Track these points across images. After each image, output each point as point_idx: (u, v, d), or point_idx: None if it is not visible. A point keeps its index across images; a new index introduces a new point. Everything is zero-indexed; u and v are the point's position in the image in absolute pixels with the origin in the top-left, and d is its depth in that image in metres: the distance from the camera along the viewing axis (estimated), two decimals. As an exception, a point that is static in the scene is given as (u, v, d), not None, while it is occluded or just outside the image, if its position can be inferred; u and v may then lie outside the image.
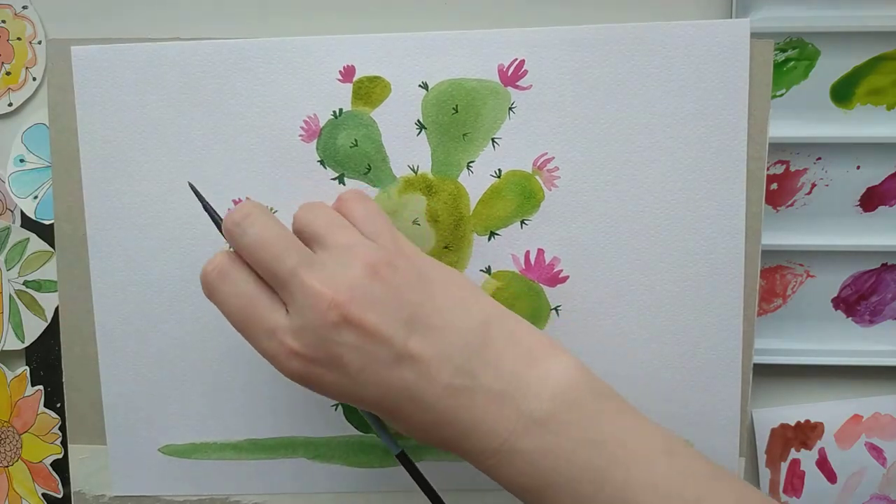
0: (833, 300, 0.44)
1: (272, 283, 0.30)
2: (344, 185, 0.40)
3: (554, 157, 0.40)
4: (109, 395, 0.42)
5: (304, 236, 0.32)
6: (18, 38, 0.42)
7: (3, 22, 0.42)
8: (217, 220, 0.35)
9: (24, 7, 0.42)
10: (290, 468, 0.43)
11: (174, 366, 0.42)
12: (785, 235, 0.43)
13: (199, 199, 0.36)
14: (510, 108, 0.39)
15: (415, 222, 0.40)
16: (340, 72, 0.39)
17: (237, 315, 0.31)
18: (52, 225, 0.43)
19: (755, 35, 0.40)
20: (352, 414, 0.42)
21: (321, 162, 0.40)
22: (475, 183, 0.40)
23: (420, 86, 0.39)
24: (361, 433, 0.42)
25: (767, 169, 0.40)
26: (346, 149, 0.40)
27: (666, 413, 0.41)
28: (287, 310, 0.30)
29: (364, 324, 0.29)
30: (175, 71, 0.40)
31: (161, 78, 0.40)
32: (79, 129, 0.40)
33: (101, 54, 0.40)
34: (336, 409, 0.42)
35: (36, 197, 0.43)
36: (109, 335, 0.42)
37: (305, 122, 0.40)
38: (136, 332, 0.42)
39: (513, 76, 0.39)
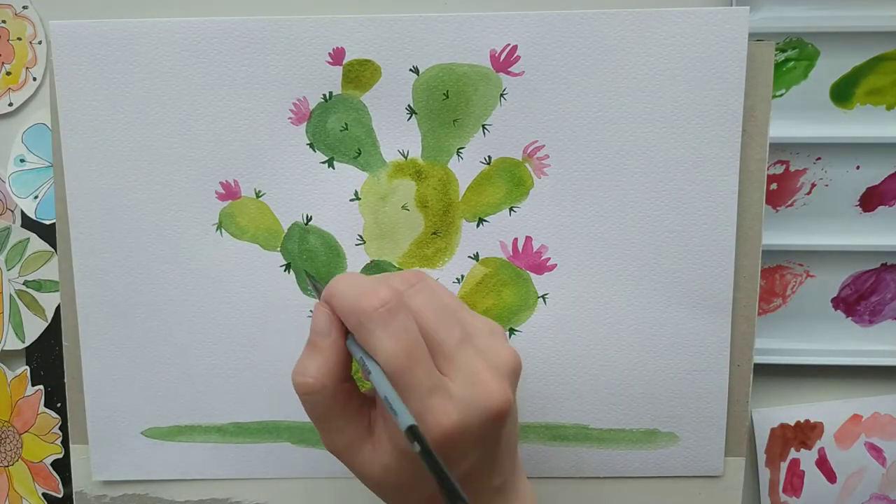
0: (833, 300, 0.44)
1: (434, 348, 0.29)
2: (333, 168, 0.40)
3: (544, 146, 0.40)
4: (91, 378, 0.42)
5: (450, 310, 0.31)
6: (18, 38, 0.42)
7: (3, 22, 0.42)
8: (317, 288, 0.34)
9: (24, 7, 0.42)
10: (275, 452, 0.43)
11: (158, 349, 0.42)
12: (785, 235, 0.43)
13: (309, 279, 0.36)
14: (501, 95, 0.39)
15: (404, 207, 0.40)
16: (330, 54, 0.39)
17: (404, 358, 0.28)
18: (52, 225, 0.43)
19: (755, 35, 0.40)
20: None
21: (310, 145, 0.40)
22: (465, 169, 0.40)
23: (411, 70, 0.39)
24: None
25: (767, 169, 0.40)
26: (336, 132, 0.40)
27: (651, 404, 0.41)
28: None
29: (502, 434, 0.30)
30: (159, 49, 0.39)
31: (145, 56, 0.39)
32: (59, 109, 0.40)
33: (81, 30, 0.39)
34: None
35: (36, 197, 0.43)
36: (92, 317, 0.42)
37: (295, 104, 0.40)
38: (119, 314, 0.42)
39: (505, 62, 0.39)
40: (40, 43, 0.42)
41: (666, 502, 0.43)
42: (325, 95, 0.40)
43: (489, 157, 0.40)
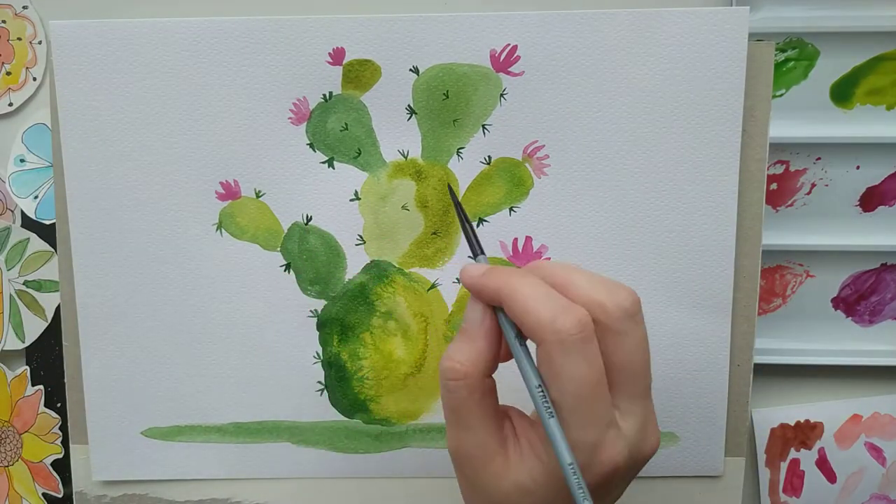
0: (833, 300, 0.44)
1: (626, 385, 0.28)
2: (333, 168, 0.40)
3: (544, 146, 0.40)
4: (91, 378, 0.42)
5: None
6: (18, 38, 0.42)
7: (4, 22, 0.42)
8: (476, 248, 0.33)
9: (24, 7, 0.42)
10: (275, 452, 0.43)
11: (158, 349, 0.42)
12: (785, 235, 0.43)
13: (460, 216, 0.34)
14: (501, 95, 0.39)
15: (404, 207, 0.40)
16: (330, 54, 0.39)
17: (592, 387, 0.27)
18: (52, 225, 0.43)
19: (755, 35, 0.40)
20: (337, 399, 0.42)
21: (310, 145, 0.40)
22: (465, 169, 0.40)
23: (411, 70, 0.39)
24: (346, 418, 0.42)
25: (767, 169, 0.40)
26: (336, 132, 0.40)
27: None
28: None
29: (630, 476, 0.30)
30: (159, 49, 0.39)
31: (145, 56, 0.39)
32: (58, 109, 0.40)
33: (81, 30, 0.39)
34: (322, 395, 0.42)
35: (36, 197, 0.43)
36: (92, 317, 0.42)
37: (294, 104, 0.40)
38: (119, 314, 0.42)
39: (505, 62, 0.39)
40: (40, 43, 0.42)
41: (666, 502, 0.43)
42: (325, 95, 0.40)
43: (489, 157, 0.40)
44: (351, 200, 0.41)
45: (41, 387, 0.45)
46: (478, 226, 0.41)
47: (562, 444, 0.27)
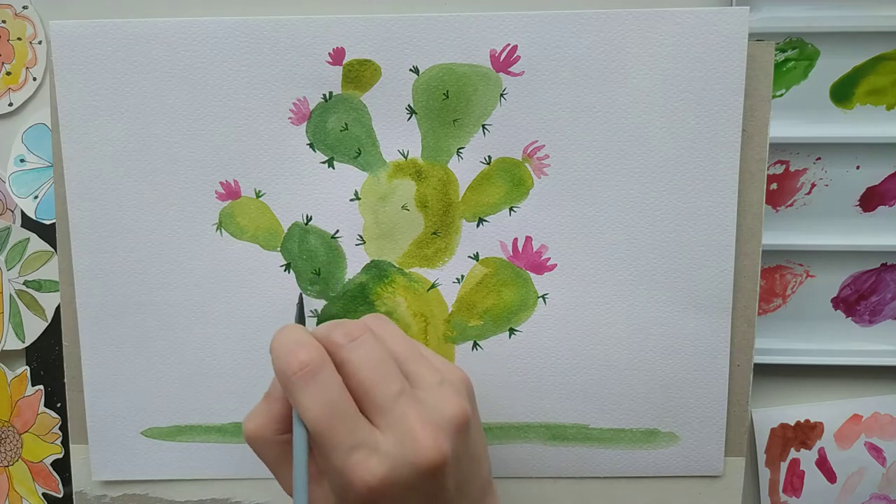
0: (833, 300, 0.44)
1: (368, 403, 0.30)
2: (333, 168, 0.40)
3: (544, 146, 0.40)
4: (91, 378, 0.42)
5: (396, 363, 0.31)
6: (18, 38, 0.42)
7: (4, 22, 0.42)
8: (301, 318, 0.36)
9: (24, 7, 0.42)
10: None
11: (158, 349, 0.42)
12: (785, 235, 0.43)
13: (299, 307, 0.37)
14: (501, 95, 0.39)
15: (404, 207, 0.40)
16: (330, 54, 0.39)
17: (323, 419, 0.29)
18: (52, 225, 0.43)
19: (755, 35, 0.40)
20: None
21: (311, 145, 0.40)
22: (465, 169, 0.40)
23: (411, 70, 0.39)
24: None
25: (767, 169, 0.40)
26: (337, 132, 0.40)
27: (651, 403, 0.41)
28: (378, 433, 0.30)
29: (446, 485, 0.30)
30: (159, 49, 0.39)
31: (145, 56, 0.39)
32: (58, 108, 0.40)
33: (81, 30, 0.39)
34: None
35: (36, 197, 0.43)
36: (92, 317, 0.42)
37: (295, 104, 0.40)
38: (119, 314, 0.42)
39: (505, 62, 0.39)
40: (40, 43, 0.42)
41: (666, 502, 0.43)
42: (325, 95, 0.40)
43: (489, 157, 0.40)
44: (351, 200, 0.41)
45: (41, 387, 0.45)
46: (478, 226, 0.41)
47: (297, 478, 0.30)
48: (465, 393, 0.32)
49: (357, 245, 0.41)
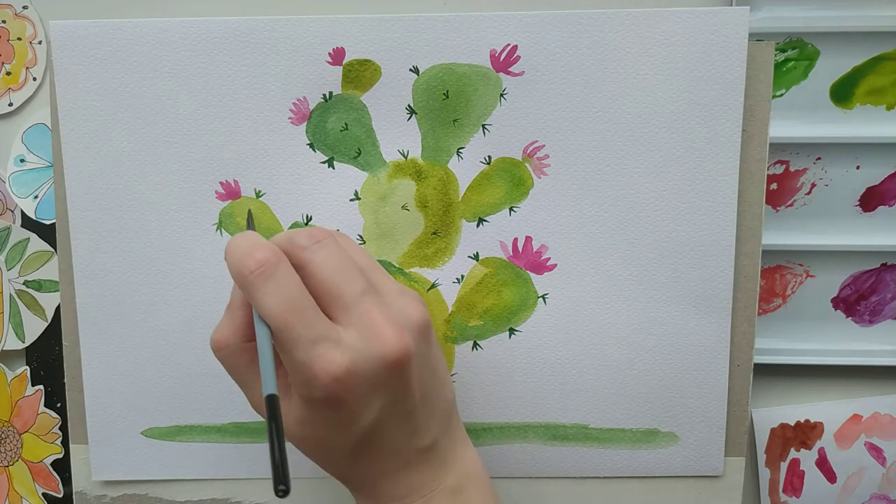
0: (833, 300, 0.44)
1: (331, 302, 0.30)
2: (333, 168, 0.40)
3: (544, 146, 0.40)
4: (91, 378, 0.42)
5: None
6: (18, 38, 0.42)
7: (4, 22, 0.42)
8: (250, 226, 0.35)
9: (25, 7, 0.42)
10: None
11: (158, 349, 0.42)
12: (785, 235, 0.43)
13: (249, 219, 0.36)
14: (501, 95, 0.39)
15: (404, 207, 0.40)
16: (330, 54, 0.39)
17: (284, 314, 0.28)
18: (52, 225, 0.43)
19: (755, 35, 0.40)
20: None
21: (310, 145, 0.40)
22: (465, 169, 0.40)
23: (411, 70, 0.39)
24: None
25: (767, 169, 0.40)
26: (336, 132, 0.40)
27: (651, 403, 0.41)
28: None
29: (411, 386, 0.30)
30: (159, 49, 0.39)
31: (145, 56, 0.39)
32: (58, 109, 0.40)
33: (81, 30, 0.39)
34: None
35: (36, 197, 0.43)
36: (92, 317, 0.42)
37: (295, 104, 0.40)
38: (119, 314, 0.42)
39: (505, 62, 0.39)
40: (40, 43, 0.42)
41: (666, 502, 0.43)
42: (325, 95, 0.40)
43: (489, 157, 0.40)
44: (351, 200, 0.41)
45: (41, 387, 0.45)
46: (478, 226, 0.41)
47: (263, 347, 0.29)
48: (425, 305, 0.32)
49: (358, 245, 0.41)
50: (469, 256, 0.41)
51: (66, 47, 0.39)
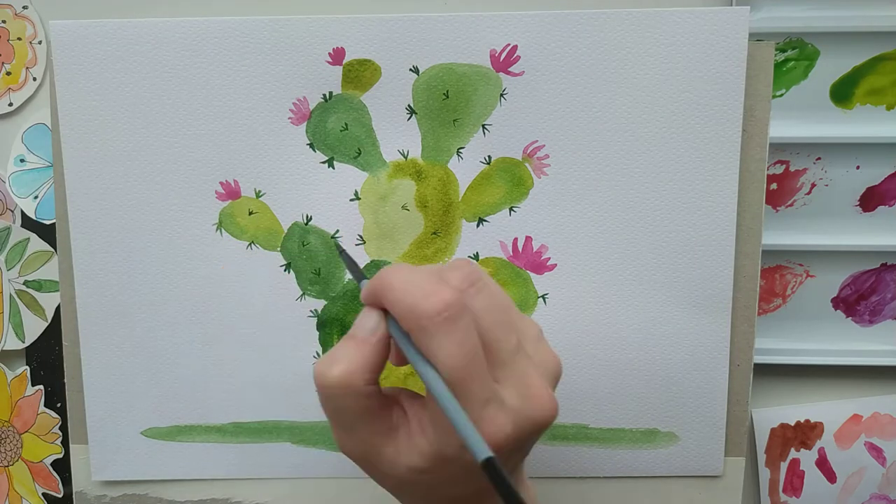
0: (833, 300, 0.44)
1: (489, 354, 0.27)
2: (333, 168, 0.40)
3: (544, 146, 0.40)
4: (91, 378, 0.42)
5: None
6: (18, 38, 0.42)
7: (3, 22, 0.42)
8: (358, 275, 0.33)
9: (25, 7, 0.42)
10: (275, 452, 0.43)
11: (158, 349, 0.42)
12: (785, 235, 0.43)
13: (343, 256, 0.34)
14: (501, 95, 0.39)
15: (404, 207, 0.40)
16: (330, 54, 0.39)
17: (464, 368, 0.26)
18: (52, 225, 0.43)
19: (755, 35, 0.40)
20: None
21: (310, 145, 0.40)
22: (465, 169, 0.40)
23: (411, 70, 0.39)
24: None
25: (767, 169, 0.40)
26: (336, 132, 0.40)
27: (651, 403, 0.41)
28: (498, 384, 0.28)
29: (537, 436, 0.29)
30: (159, 49, 0.39)
31: (145, 56, 0.39)
32: (58, 109, 0.40)
33: (82, 30, 0.39)
34: None
35: (36, 197, 0.43)
36: (92, 317, 0.42)
37: (294, 104, 0.40)
38: (119, 314, 0.42)
39: (505, 62, 0.39)
40: (40, 43, 0.42)
41: (666, 502, 0.43)
42: (325, 95, 0.40)
43: (489, 157, 0.40)
44: (351, 200, 0.41)
45: (41, 387, 0.45)
46: (478, 226, 0.41)
47: (449, 403, 0.26)
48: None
49: (357, 245, 0.41)
50: (469, 256, 0.41)
51: (66, 47, 0.39)
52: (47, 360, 0.45)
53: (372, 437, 0.28)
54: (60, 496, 0.45)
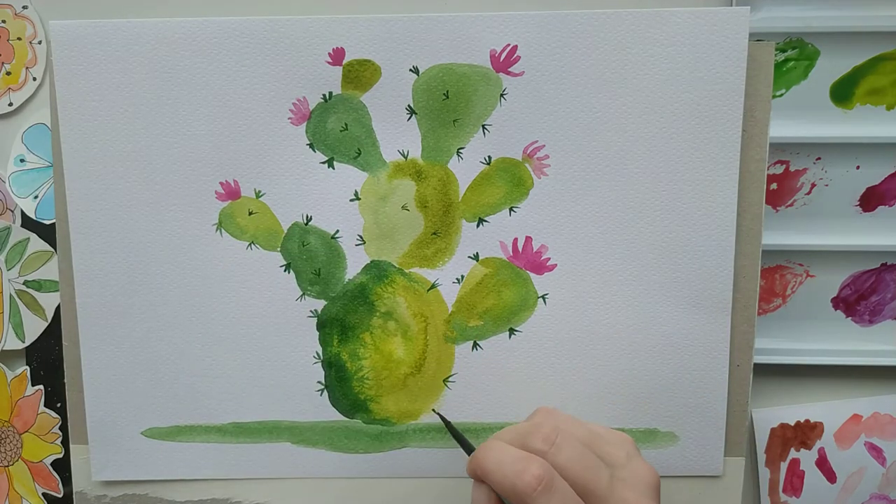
0: (833, 300, 0.44)
1: (587, 497, 0.31)
2: (333, 168, 0.40)
3: (544, 146, 0.40)
4: (91, 378, 0.42)
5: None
6: (18, 38, 0.42)
7: (3, 22, 0.42)
8: (468, 447, 0.37)
9: (24, 7, 0.42)
10: (275, 452, 0.43)
11: (158, 349, 0.42)
12: (785, 235, 0.43)
13: (449, 428, 0.38)
14: (501, 95, 0.39)
15: (404, 207, 0.40)
16: (330, 54, 0.39)
17: None
18: (52, 225, 0.43)
19: (755, 35, 0.40)
20: (337, 399, 0.42)
21: (310, 145, 0.40)
22: (465, 169, 0.40)
23: (411, 70, 0.39)
24: (346, 418, 0.42)
25: (767, 169, 0.40)
26: (336, 133, 0.40)
27: (650, 403, 0.41)
28: None
29: None
30: (159, 49, 0.39)
31: (145, 56, 0.39)
32: (58, 109, 0.40)
33: (81, 30, 0.39)
34: (322, 395, 0.42)
35: (36, 197, 0.43)
36: (92, 317, 0.42)
37: (294, 104, 0.40)
38: (119, 314, 0.42)
39: (505, 62, 0.39)
40: (40, 43, 0.42)
41: (666, 502, 0.43)
42: (324, 95, 0.40)
43: (489, 157, 0.40)
44: (351, 201, 0.41)
45: (41, 387, 0.45)
46: (478, 226, 0.41)
47: None
48: (640, 452, 0.34)
49: (357, 245, 0.41)
50: (469, 256, 0.41)
51: (66, 47, 0.39)
52: (47, 360, 0.45)
53: None
54: (60, 496, 0.45)
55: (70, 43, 0.39)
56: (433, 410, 0.41)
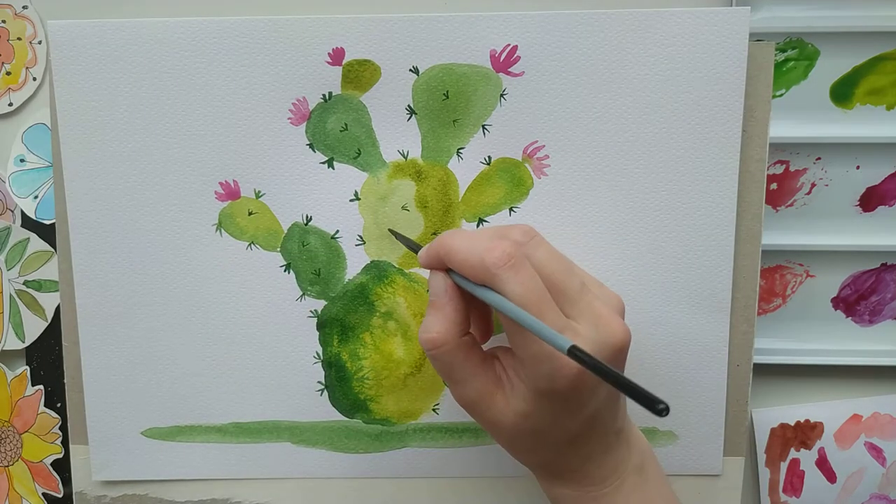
0: (833, 300, 0.44)
1: (556, 295, 0.31)
2: (333, 168, 0.40)
3: (544, 146, 0.40)
4: (91, 378, 0.42)
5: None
6: (18, 38, 0.42)
7: (3, 22, 0.42)
8: (413, 247, 0.38)
9: (24, 7, 0.42)
10: (275, 452, 0.43)
11: (158, 349, 0.42)
12: (785, 235, 0.43)
13: (399, 238, 0.39)
14: (501, 95, 0.39)
15: (404, 208, 0.40)
16: (329, 54, 0.39)
17: (535, 303, 0.29)
18: (52, 225, 0.43)
19: (755, 35, 0.40)
20: (337, 399, 0.42)
21: (310, 145, 0.40)
22: (465, 169, 0.40)
23: (411, 70, 0.39)
24: (346, 418, 0.42)
25: (767, 169, 0.40)
26: (336, 133, 0.40)
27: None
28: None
29: (624, 367, 0.32)
30: (159, 49, 0.39)
31: (145, 56, 0.39)
32: (57, 109, 0.40)
33: (80, 30, 0.39)
34: (322, 395, 0.42)
35: (36, 197, 0.43)
36: (92, 317, 0.42)
37: (294, 104, 0.40)
38: (119, 314, 0.42)
39: (505, 62, 0.39)
40: (40, 43, 0.42)
41: (666, 502, 0.43)
42: (324, 95, 0.40)
43: (489, 157, 0.40)
44: (351, 201, 0.41)
45: (41, 387, 0.45)
46: (478, 226, 0.41)
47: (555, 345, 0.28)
48: None
49: (357, 245, 0.41)
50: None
51: (65, 47, 0.39)
52: (47, 360, 0.45)
53: (482, 387, 0.32)
54: (60, 496, 0.45)
55: (69, 43, 0.39)
56: (389, 230, 0.40)
